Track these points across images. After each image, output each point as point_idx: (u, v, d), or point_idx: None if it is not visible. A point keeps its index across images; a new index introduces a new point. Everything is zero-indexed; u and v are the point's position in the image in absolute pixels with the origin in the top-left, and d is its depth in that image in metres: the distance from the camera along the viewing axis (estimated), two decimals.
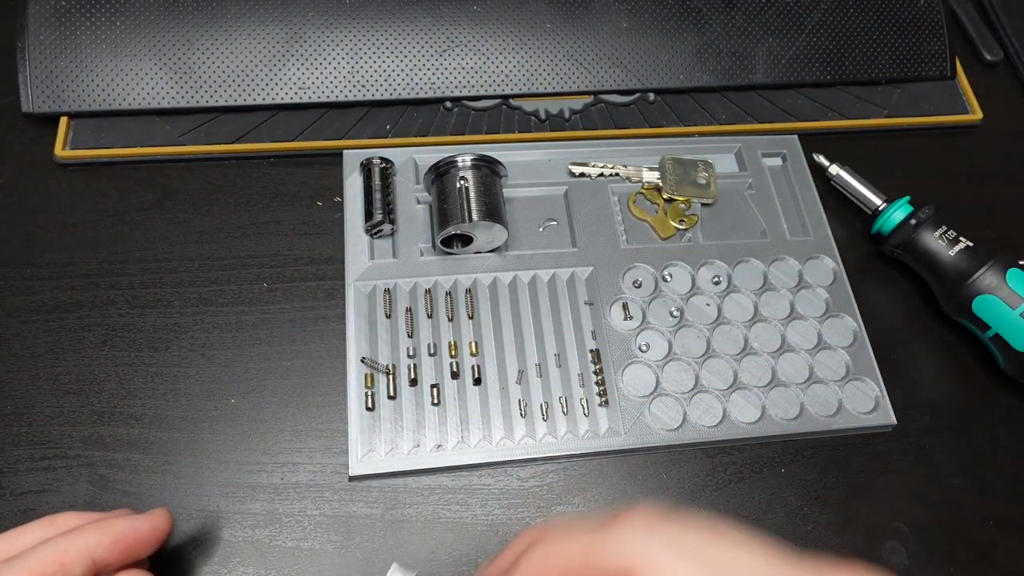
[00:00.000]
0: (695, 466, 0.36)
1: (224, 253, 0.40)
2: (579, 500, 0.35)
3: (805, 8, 0.48)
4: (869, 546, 0.35)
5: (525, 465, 0.36)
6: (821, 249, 0.42)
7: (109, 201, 0.41)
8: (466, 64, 0.45)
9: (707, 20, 0.47)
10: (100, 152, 0.42)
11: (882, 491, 0.36)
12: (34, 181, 0.41)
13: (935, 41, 0.49)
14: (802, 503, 0.36)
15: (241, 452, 0.35)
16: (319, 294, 0.39)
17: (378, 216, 0.39)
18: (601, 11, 0.46)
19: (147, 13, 0.43)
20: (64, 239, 0.40)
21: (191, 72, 0.43)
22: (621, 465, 0.36)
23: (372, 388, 0.36)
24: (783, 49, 0.48)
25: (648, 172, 0.43)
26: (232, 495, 0.34)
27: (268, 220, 0.41)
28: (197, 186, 0.42)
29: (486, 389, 0.37)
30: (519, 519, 0.34)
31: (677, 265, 0.41)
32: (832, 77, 0.48)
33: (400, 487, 0.35)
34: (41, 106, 0.41)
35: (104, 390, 0.36)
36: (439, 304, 0.38)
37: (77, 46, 0.42)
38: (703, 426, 0.37)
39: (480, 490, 0.35)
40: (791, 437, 0.37)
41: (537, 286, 0.40)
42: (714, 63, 0.47)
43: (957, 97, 0.50)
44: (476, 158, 0.39)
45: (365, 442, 0.35)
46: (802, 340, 0.40)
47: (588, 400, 0.37)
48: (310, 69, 0.44)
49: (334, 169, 0.43)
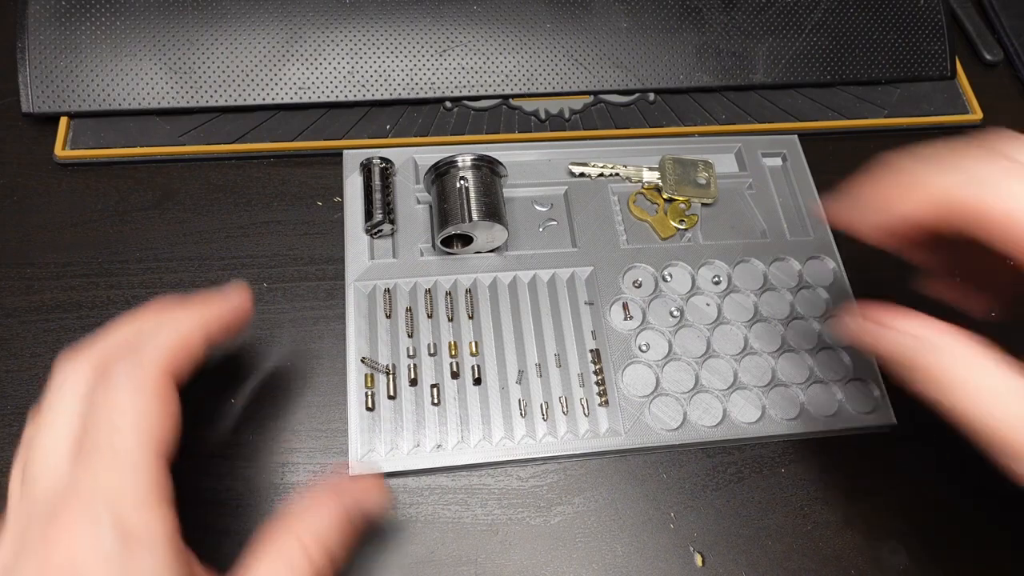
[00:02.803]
0: (695, 466, 0.36)
1: (224, 253, 0.40)
2: (579, 500, 0.35)
3: (805, 8, 0.48)
4: (870, 546, 0.35)
5: (525, 465, 0.36)
6: (821, 249, 0.42)
7: (109, 201, 0.41)
8: (466, 64, 0.45)
9: (707, 20, 0.47)
10: (100, 152, 0.42)
11: (882, 491, 0.36)
12: (34, 181, 0.41)
13: (935, 41, 0.49)
14: (802, 503, 0.36)
15: (241, 452, 0.35)
16: (319, 294, 0.39)
17: (378, 216, 0.39)
18: (601, 11, 0.46)
19: (147, 13, 0.43)
20: (64, 239, 0.40)
21: (191, 72, 0.43)
22: (621, 465, 0.36)
23: (372, 388, 0.36)
24: (783, 49, 0.48)
25: (648, 172, 0.43)
26: (231, 495, 0.34)
27: (268, 220, 0.41)
28: (197, 186, 0.42)
29: (486, 389, 0.37)
30: (519, 519, 0.34)
31: (677, 265, 0.41)
32: (832, 77, 0.48)
33: (400, 487, 0.35)
34: (41, 106, 0.41)
35: None
36: (439, 304, 0.38)
37: (77, 46, 0.42)
38: (703, 426, 0.37)
39: (480, 490, 0.35)
40: (791, 437, 0.37)
41: (537, 286, 0.40)
42: (714, 63, 0.47)
43: (957, 97, 0.50)
44: (476, 158, 0.39)
45: (365, 442, 0.35)
46: (802, 340, 0.40)
47: (588, 400, 0.37)
48: (310, 69, 0.44)
49: (334, 169, 0.43)
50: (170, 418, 0.25)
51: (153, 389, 0.25)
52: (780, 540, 0.35)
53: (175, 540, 0.24)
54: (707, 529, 0.35)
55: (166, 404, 0.25)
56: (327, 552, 0.26)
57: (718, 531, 0.35)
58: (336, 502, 0.27)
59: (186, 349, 0.27)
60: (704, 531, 0.35)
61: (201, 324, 0.27)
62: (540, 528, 0.34)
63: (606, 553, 0.34)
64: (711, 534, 0.35)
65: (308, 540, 0.26)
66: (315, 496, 0.27)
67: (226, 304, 0.29)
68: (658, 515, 0.35)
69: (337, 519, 0.27)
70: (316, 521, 0.27)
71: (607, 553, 0.34)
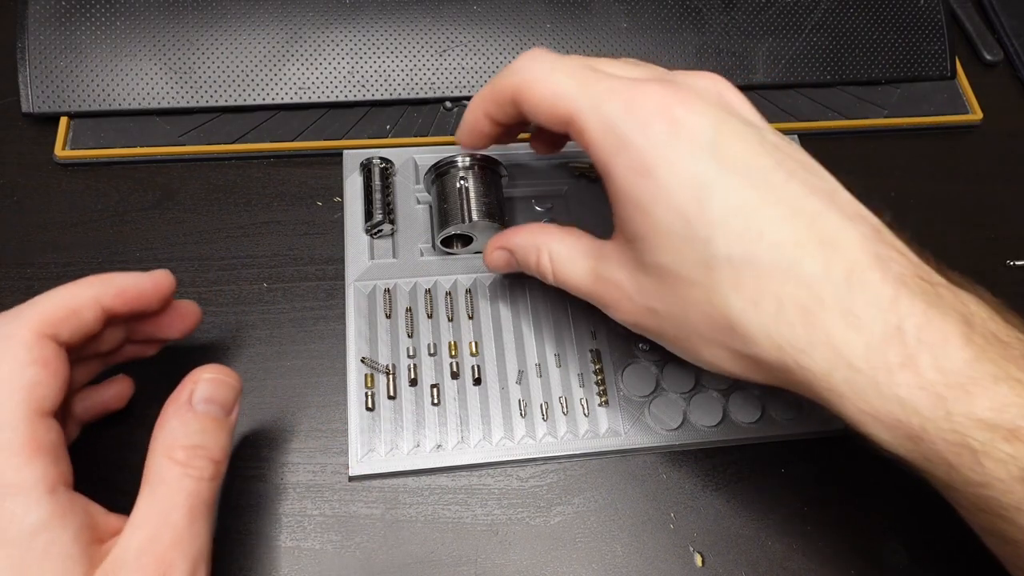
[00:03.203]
0: (695, 466, 0.36)
1: (224, 253, 0.40)
2: (579, 500, 0.35)
3: (805, 8, 0.48)
4: (870, 546, 0.35)
5: (525, 465, 0.36)
6: None
7: (109, 201, 0.41)
8: (466, 64, 0.45)
9: (707, 20, 0.47)
10: (100, 152, 0.42)
11: (883, 491, 0.36)
12: (34, 181, 0.41)
13: (935, 41, 0.49)
14: (802, 503, 0.36)
15: (241, 452, 0.35)
16: (319, 294, 0.39)
17: (378, 216, 0.39)
18: (601, 11, 0.46)
19: (147, 13, 0.43)
20: (64, 239, 0.40)
21: (191, 72, 0.43)
22: (621, 465, 0.36)
23: (372, 388, 0.36)
24: (783, 49, 0.48)
25: None
26: (231, 495, 0.34)
27: (268, 220, 0.41)
28: (197, 186, 0.42)
29: (486, 389, 0.37)
30: (519, 519, 0.34)
31: None
32: (832, 77, 0.48)
33: (400, 487, 0.35)
34: (41, 106, 0.41)
35: None
36: (439, 304, 0.38)
37: (77, 46, 0.42)
38: (703, 426, 0.37)
39: (480, 490, 0.35)
40: (791, 437, 0.37)
41: (537, 286, 0.39)
42: (714, 63, 0.47)
43: (957, 97, 0.50)
44: (476, 158, 0.39)
45: (365, 442, 0.35)
46: None
47: (588, 400, 0.37)
48: (310, 69, 0.44)
49: (334, 169, 0.43)
50: (51, 376, 0.26)
51: (25, 346, 0.25)
52: (780, 540, 0.35)
53: (57, 489, 0.24)
54: (707, 529, 0.35)
55: (44, 362, 0.26)
56: (204, 453, 0.26)
57: (718, 531, 0.35)
58: (186, 407, 0.27)
59: (72, 314, 0.27)
60: (704, 531, 0.35)
61: (94, 293, 0.28)
62: (540, 528, 0.34)
63: (606, 553, 0.34)
64: (711, 534, 0.35)
65: (180, 455, 0.26)
66: (166, 408, 0.27)
67: (132, 279, 0.30)
68: (658, 515, 0.35)
69: (196, 420, 0.27)
70: (178, 430, 0.27)
71: (607, 553, 0.34)
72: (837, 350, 0.24)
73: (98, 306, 0.28)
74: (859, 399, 0.24)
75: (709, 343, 0.28)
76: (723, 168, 0.26)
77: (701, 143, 0.26)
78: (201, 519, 0.26)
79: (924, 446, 0.24)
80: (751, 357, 0.27)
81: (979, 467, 0.23)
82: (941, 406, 0.23)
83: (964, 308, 0.25)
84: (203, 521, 0.26)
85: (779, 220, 0.26)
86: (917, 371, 0.24)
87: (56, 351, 0.26)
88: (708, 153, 0.26)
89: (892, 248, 0.26)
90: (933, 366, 0.24)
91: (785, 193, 0.26)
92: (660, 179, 0.26)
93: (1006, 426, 0.23)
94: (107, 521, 0.26)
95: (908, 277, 0.25)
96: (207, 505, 0.26)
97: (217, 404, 0.28)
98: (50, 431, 0.25)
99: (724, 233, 0.26)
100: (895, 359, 0.24)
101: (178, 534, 0.25)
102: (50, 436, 0.25)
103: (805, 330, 0.25)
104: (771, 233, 0.25)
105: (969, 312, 0.25)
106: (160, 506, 0.25)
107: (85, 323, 0.28)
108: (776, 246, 0.25)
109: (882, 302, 0.24)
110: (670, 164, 0.26)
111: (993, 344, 0.24)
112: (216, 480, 0.27)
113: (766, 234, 0.25)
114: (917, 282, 0.25)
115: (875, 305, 0.24)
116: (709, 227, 0.26)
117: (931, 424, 0.23)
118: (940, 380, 0.23)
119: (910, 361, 0.24)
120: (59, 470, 0.25)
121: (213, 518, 0.27)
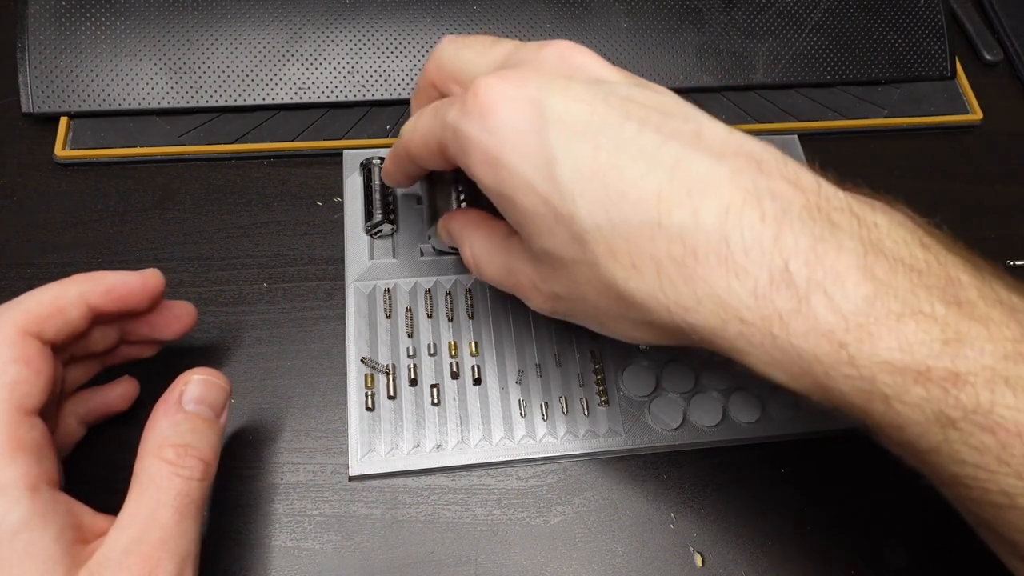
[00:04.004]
0: (695, 466, 0.36)
1: (224, 253, 0.40)
2: (579, 500, 0.35)
3: (805, 8, 0.48)
4: (869, 546, 0.35)
5: (525, 465, 0.36)
6: None
7: (109, 201, 0.41)
8: None
9: (707, 20, 0.47)
10: (100, 152, 0.42)
11: (882, 491, 0.36)
12: (34, 181, 0.41)
13: (935, 41, 0.49)
14: (802, 503, 0.36)
15: (241, 451, 0.35)
16: (319, 294, 0.39)
17: (378, 216, 0.39)
18: (601, 11, 0.46)
19: (147, 13, 0.43)
20: (64, 239, 0.40)
21: (191, 72, 0.43)
22: (621, 465, 0.36)
23: (372, 388, 0.36)
24: (783, 49, 0.48)
25: None
26: (231, 494, 0.34)
27: (268, 220, 0.41)
28: (197, 186, 0.42)
29: (486, 389, 0.37)
30: (519, 519, 0.34)
31: None
32: (832, 77, 0.48)
33: (400, 487, 0.35)
34: (41, 106, 0.41)
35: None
36: (439, 304, 0.38)
37: (77, 46, 0.42)
38: (703, 426, 0.37)
39: (480, 490, 0.35)
40: (791, 437, 0.37)
41: None
42: (714, 63, 0.47)
43: (957, 97, 0.50)
44: None
45: (365, 442, 0.35)
46: None
47: (588, 400, 0.37)
48: (310, 69, 0.44)
49: (334, 169, 0.43)
50: (34, 374, 0.25)
51: (7, 344, 0.25)
52: (780, 540, 0.35)
53: (39, 488, 0.24)
54: (707, 529, 0.35)
55: (27, 360, 0.25)
56: (194, 453, 0.26)
57: (718, 531, 0.35)
58: (176, 407, 0.27)
59: (57, 312, 0.27)
60: (704, 531, 0.35)
61: (81, 291, 0.28)
62: (540, 528, 0.34)
63: (606, 553, 0.34)
64: (711, 534, 0.35)
65: (170, 454, 0.26)
66: (156, 409, 0.27)
67: (120, 277, 0.30)
68: (658, 515, 0.35)
69: (186, 420, 0.27)
70: (168, 430, 0.27)
71: (607, 553, 0.34)
72: (724, 303, 0.23)
73: (84, 304, 0.28)
74: (760, 351, 0.23)
75: (616, 318, 0.27)
76: (566, 136, 0.24)
77: (538, 117, 0.25)
78: (190, 519, 0.25)
79: (833, 395, 0.23)
80: (652, 324, 0.25)
81: (892, 412, 0.22)
82: (843, 352, 0.21)
83: (869, 234, 0.23)
84: (191, 521, 0.26)
85: (638, 176, 0.24)
86: (812, 316, 0.22)
87: (40, 349, 0.26)
88: (548, 125, 0.25)
89: (776, 178, 0.23)
90: (828, 308, 0.22)
91: (639, 145, 0.24)
92: (509, 165, 0.25)
93: (915, 368, 0.21)
94: (94, 521, 0.26)
95: (794, 210, 0.23)
96: (196, 505, 0.26)
97: (207, 405, 0.28)
98: (33, 429, 0.25)
99: (585, 203, 0.24)
100: (786, 305, 0.22)
101: (166, 533, 0.25)
102: (33, 434, 0.25)
103: (687, 287, 0.23)
104: (632, 191, 0.24)
105: (876, 239, 0.23)
106: (148, 505, 0.25)
107: (71, 321, 0.28)
108: (639, 203, 0.23)
109: (763, 243, 0.22)
110: (512, 146, 0.25)
111: (900, 274, 0.22)
112: (206, 481, 0.27)
113: (627, 193, 0.24)
114: (805, 214, 0.23)
115: (756, 248, 0.22)
116: (568, 201, 0.24)
117: (835, 371, 0.22)
118: (838, 323, 0.21)
119: (803, 305, 0.22)
120: (42, 469, 0.25)
121: (202, 520, 0.27)
